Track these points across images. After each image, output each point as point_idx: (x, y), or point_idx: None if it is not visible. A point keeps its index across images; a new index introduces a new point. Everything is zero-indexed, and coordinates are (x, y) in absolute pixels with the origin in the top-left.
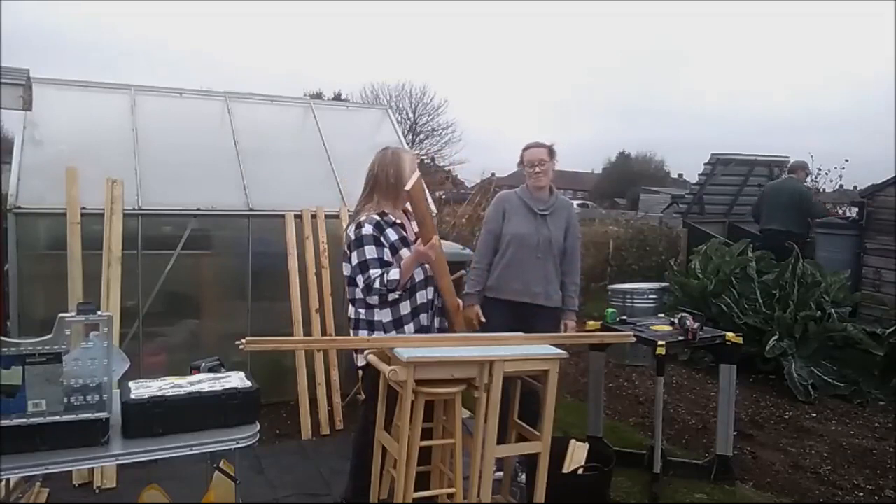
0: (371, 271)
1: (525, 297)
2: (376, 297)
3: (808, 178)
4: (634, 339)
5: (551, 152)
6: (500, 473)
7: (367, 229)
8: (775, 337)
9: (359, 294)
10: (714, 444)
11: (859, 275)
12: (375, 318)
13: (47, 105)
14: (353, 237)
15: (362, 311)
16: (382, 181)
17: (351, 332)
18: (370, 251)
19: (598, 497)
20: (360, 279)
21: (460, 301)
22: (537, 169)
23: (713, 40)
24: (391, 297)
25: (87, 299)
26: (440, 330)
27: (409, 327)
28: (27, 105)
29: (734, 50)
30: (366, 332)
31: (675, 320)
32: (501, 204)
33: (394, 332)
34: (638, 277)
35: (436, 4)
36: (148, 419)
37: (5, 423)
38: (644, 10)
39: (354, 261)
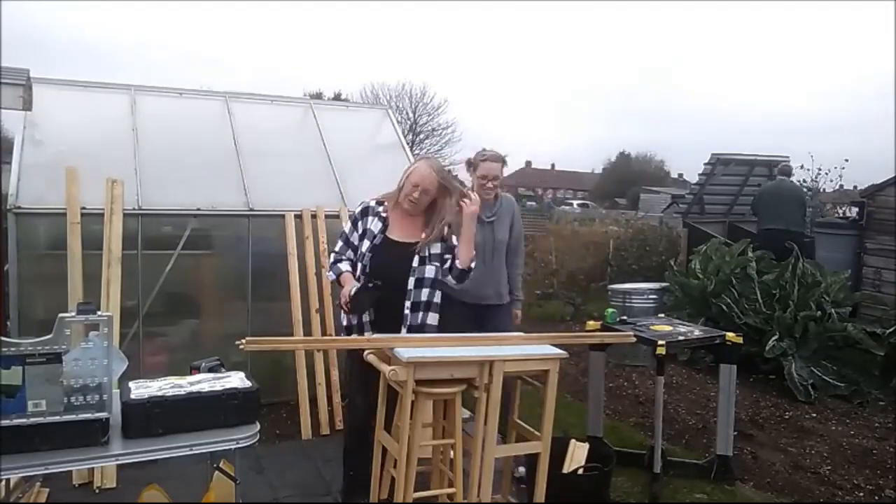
0: (337, 248)
1: (477, 300)
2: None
3: (809, 179)
4: (634, 340)
5: (503, 166)
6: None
7: (357, 210)
8: (775, 337)
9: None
10: (714, 444)
11: (859, 275)
12: None
13: (47, 105)
14: None
15: None
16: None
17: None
18: (347, 227)
19: (598, 497)
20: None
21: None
22: (490, 184)
23: (714, 42)
24: None
25: (87, 299)
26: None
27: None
28: (27, 105)
29: (735, 52)
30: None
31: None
32: None
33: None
34: (638, 277)
35: (436, 5)
36: (148, 419)
37: (5, 423)
38: (645, 13)
39: None
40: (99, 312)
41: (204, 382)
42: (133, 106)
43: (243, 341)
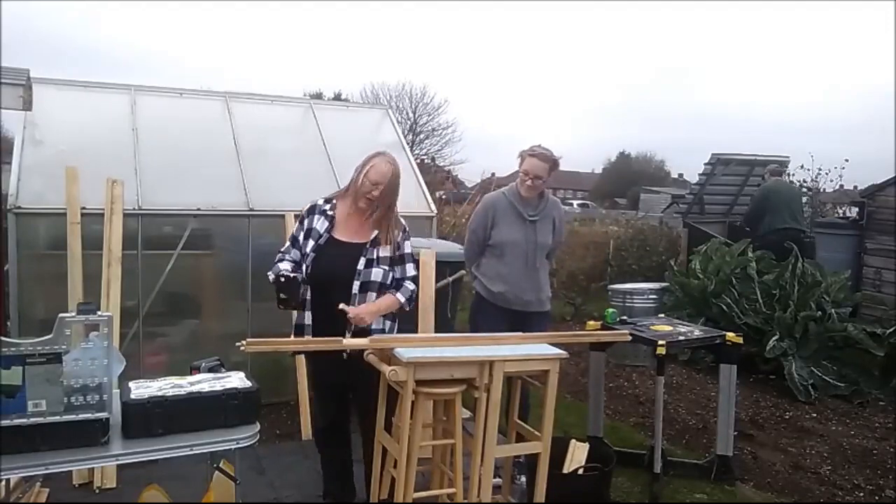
0: (283, 248)
1: (517, 306)
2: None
3: (809, 178)
4: (630, 339)
5: (553, 168)
6: (499, 480)
7: (304, 208)
8: (775, 337)
9: None
10: (714, 444)
11: (859, 275)
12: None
13: (47, 105)
14: None
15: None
16: (352, 176)
17: None
18: (296, 228)
19: (598, 497)
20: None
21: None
22: (530, 182)
23: (714, 42)
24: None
25: (87, 299)
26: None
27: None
28: (27, 105)
29: (736, 52)
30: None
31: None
32: (489, 210)
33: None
34: (638, 277)
35: (436, 5)
36: (148, 419)
37: (5, 423)
38: (647, 15)
39: None
40: (99, 312)
41: (204, 382)
42: (133, 106)
43: (243, 343)
